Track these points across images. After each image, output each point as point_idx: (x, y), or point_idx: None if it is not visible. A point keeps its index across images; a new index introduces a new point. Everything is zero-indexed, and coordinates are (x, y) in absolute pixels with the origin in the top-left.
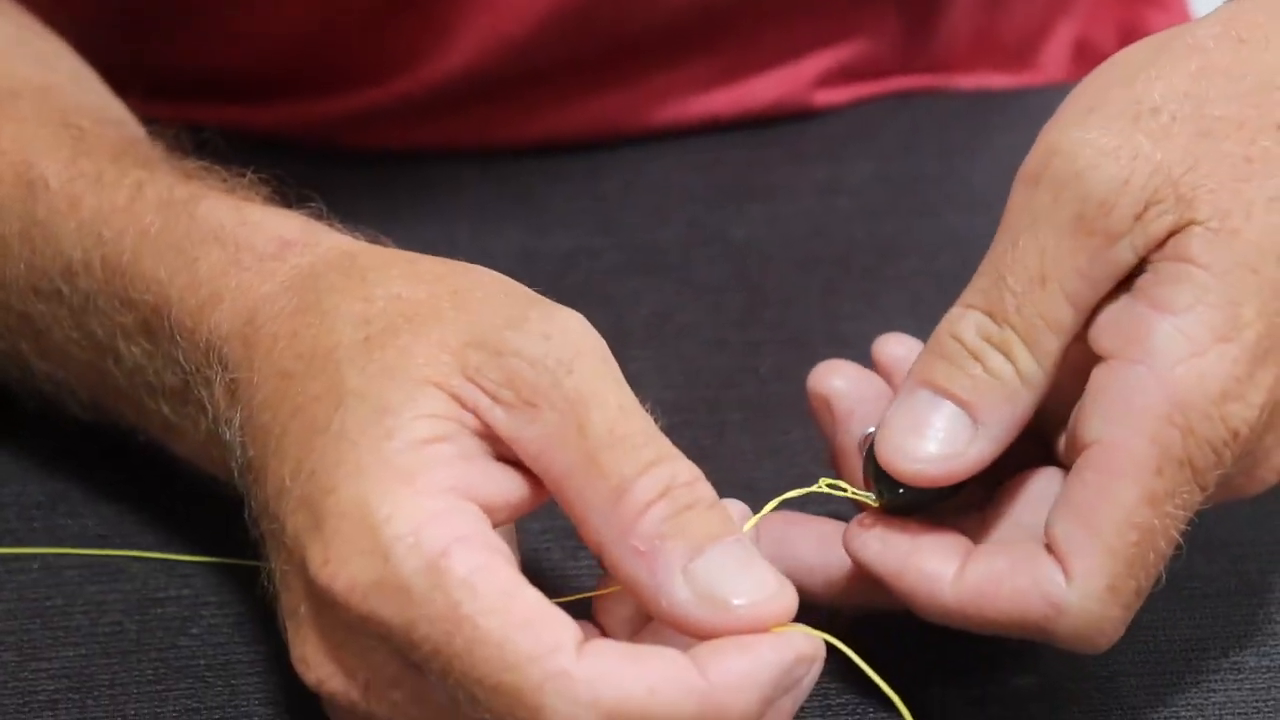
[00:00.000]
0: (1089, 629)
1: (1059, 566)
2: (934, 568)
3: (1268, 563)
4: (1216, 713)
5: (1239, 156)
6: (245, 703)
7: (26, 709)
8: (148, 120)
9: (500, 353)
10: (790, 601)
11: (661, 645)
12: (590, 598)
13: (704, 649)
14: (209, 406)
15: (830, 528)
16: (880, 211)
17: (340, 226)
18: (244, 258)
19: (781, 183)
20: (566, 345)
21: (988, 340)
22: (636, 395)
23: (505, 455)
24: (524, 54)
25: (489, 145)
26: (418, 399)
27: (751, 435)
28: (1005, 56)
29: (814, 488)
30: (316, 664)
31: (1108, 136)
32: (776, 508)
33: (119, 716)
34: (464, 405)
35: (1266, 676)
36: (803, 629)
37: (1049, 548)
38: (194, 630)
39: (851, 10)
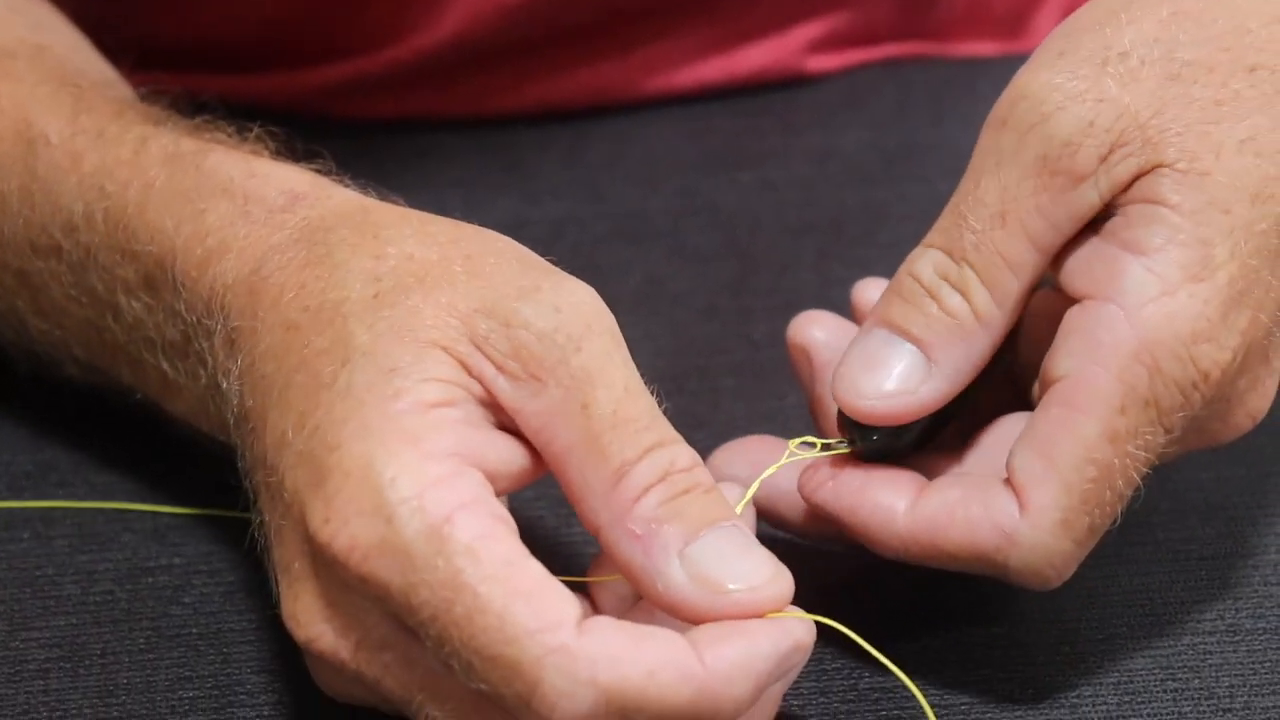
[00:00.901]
0: (1039, 562)
1: (1014, 498)
2: (887, 500)
3: (1264, 526)
4: (1213, 674)
5: (1209, 100)
6: (237, 670)
7: (18, 678)
8: (136, 89)
9: (509, 323)
10: (786, 588)
11: (654, 624)
12: (586, 582)
13: (702, 634)
14: (208, 358)
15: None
16: (872, 178)
17: (351, 183)
18: (253, 210)
19: (773, 150)
20: (577, 320)
21: (945, 279)
22: None
23: (507, 425)
24: (515, 22)
25: (480, 114)
26: (425, 361)
27: (745, 401)
28: (997, 25)
29: (785, 457)
30: (307, 621)
31: (1075, 80)
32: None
33: (111, 684)
34: (470, 372)
35: (1263, 638)
36: (798, 612)
37: (1009, 481)
38: (185, 599)
39: None
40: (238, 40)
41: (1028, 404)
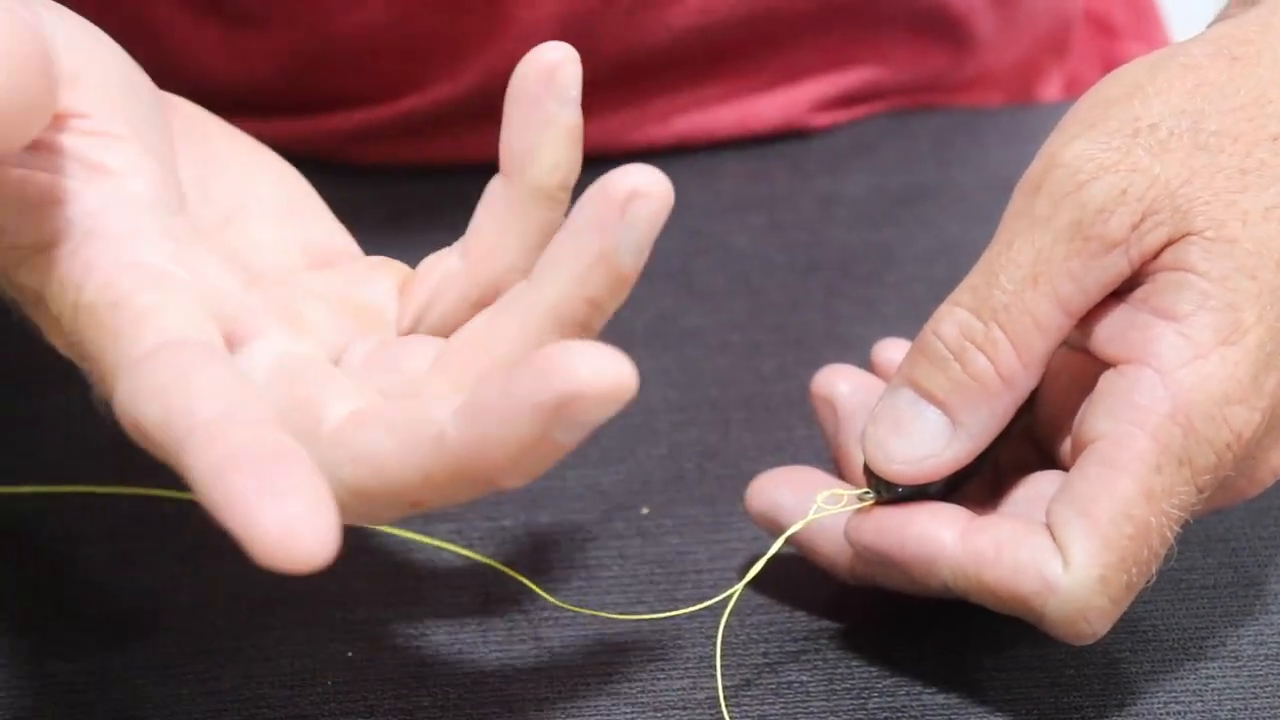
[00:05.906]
0: (1075, 614)
1: (1057, 549)
2: (934, 531)
3: (1264, 556)
4: (1215, 698)
5: (1234, 169)
6: (258, 685)
7: (43, 694)
8: None
9: None
10: None
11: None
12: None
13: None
14: None
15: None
16: (878, 221)
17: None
18: None
19: (781, 194)
20: None
21: (970, 340)
22: (640, 395)
23: None
24: None
25: (496, 161)
26: None
27: (754, 432)
28: (1002, 87)
29: (812, 514)
30: None
31: (1108, 152)
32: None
33: (137, 697)
34: None
35: (1264, 664)
36: None
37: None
38: (209, 616)
39: (858, 38)
40: (252, 87)
41: (1050, 459)
